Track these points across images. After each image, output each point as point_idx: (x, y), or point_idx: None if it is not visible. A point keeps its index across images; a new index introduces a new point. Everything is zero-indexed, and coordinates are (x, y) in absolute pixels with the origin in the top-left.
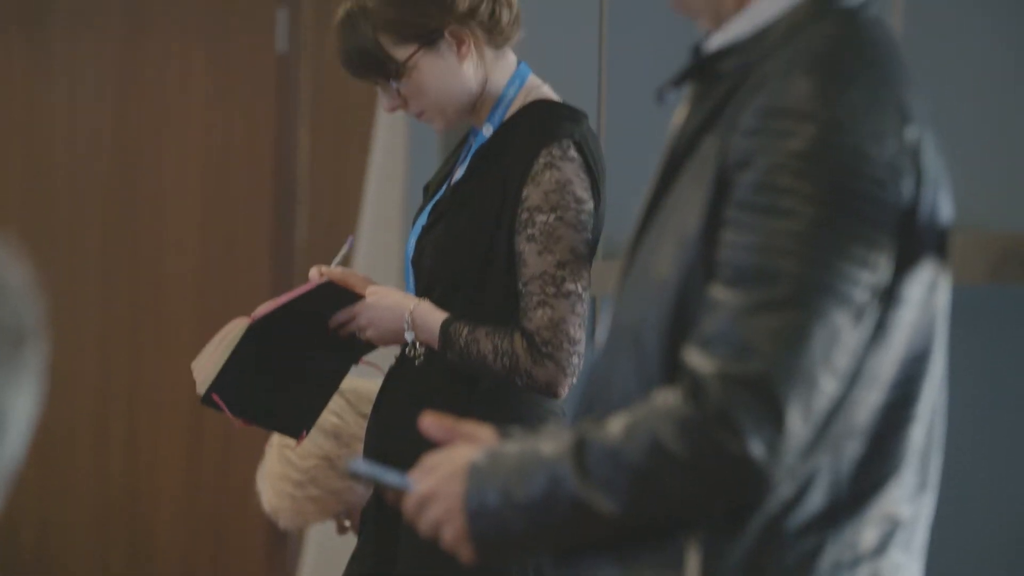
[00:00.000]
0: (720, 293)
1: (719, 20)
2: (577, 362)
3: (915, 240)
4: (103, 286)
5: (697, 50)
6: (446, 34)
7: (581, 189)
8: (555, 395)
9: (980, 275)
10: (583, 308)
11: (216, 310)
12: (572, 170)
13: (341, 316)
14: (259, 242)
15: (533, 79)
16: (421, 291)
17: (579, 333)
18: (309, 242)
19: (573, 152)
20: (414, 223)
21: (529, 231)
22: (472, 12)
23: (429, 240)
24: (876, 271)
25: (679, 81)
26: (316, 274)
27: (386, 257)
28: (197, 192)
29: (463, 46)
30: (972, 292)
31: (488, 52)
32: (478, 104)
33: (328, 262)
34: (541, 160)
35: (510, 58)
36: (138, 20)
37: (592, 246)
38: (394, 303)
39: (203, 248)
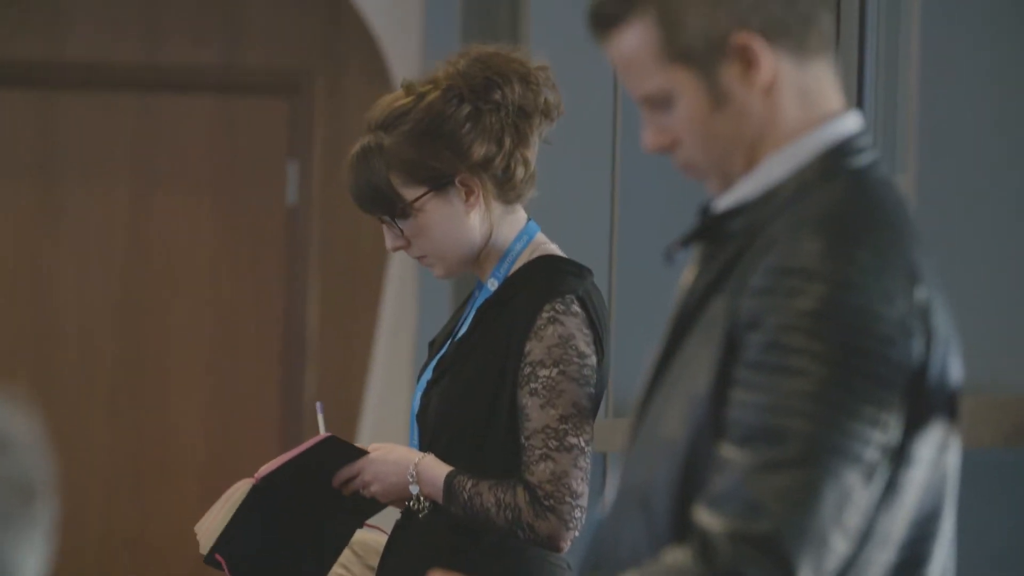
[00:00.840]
0: (730, 452)
1: (728, 181)
2: (580, 516)
3: (925, 400)
4: (110, 439)
5: (705, 210)
6: (456, 181)
7: (584, 344)
8: (557, 549)
9: (996, 439)
10: (586, 462)
11: (224, 464)
12: (575, 325)
13: (345, 472)
14: (268, 396)
15: (540, 236)
16: (426, 446)
17: (582, 487)
18: (318, 396)
19: (576, 307)
20: (419, 378)
21: (532, 385)
22: (486, 164)
23: (434, 395)
24: (887, 430)
25: (687, 241)
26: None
27: (395, 411)
28: (205, 345)
29: (472, 196)
30: (987, 455)
31: (497, 206)
32: (482, 256)
33: (338, 416)
34: (544, 315)
35: (520, 214)
36: (147, 173)
37: (595, 400)
38: (399, 457)
39: (211, 402)
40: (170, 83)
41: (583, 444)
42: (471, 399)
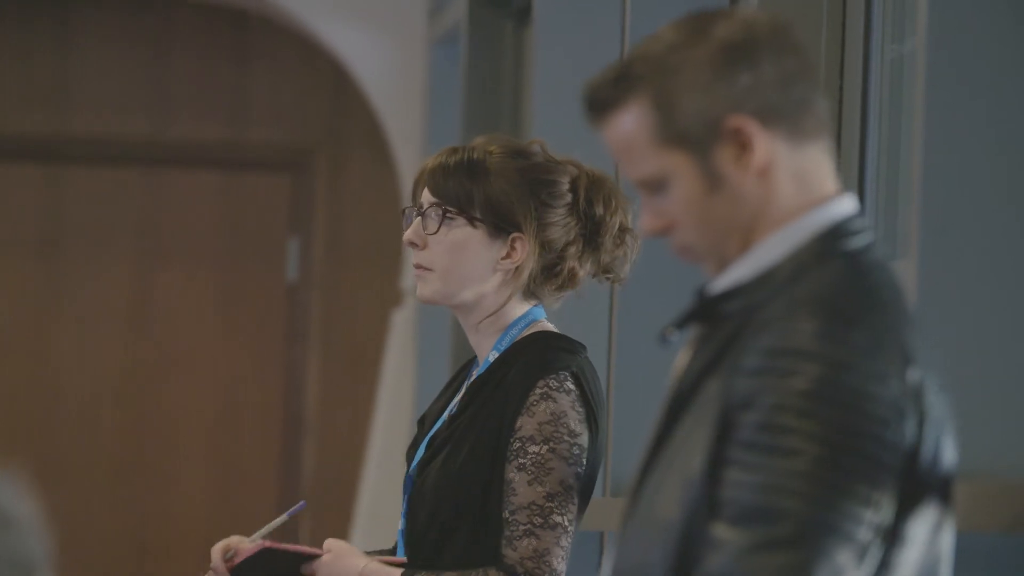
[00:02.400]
0: (724, 532)
1: (723, 264)
2: None
3: (918, 480)
4: (111, 515)
5: (701, 292)
6: (512, 236)
7: (575, 422)
8: None
9: (995, 525)
10: (567, 541)
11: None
12: (568, 402)
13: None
14: (267, 471)
15: (543, 320)
16: (422, 524)
17: (562, 565)
18: (316, 473)
19: (570, 384)
20: (411, 456)
21: (520, 460)
22: (549, 243)
23: (428, 474)
24: (879, 510)
25: (682, 323)
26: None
27: (393, 487)
28: (206, 420)
29: (510, 258)
30: (985, 541)
31: (520, 289)
32: (484, 325)
33: (337, 493)
34: (537, 391)
35: (532, 302)
36: (151, 247)
37: (584, 479)
38: (343, 568)
39: (211, 477)
40: (175, 159)
41: (567, 523)
42: (467, 477)
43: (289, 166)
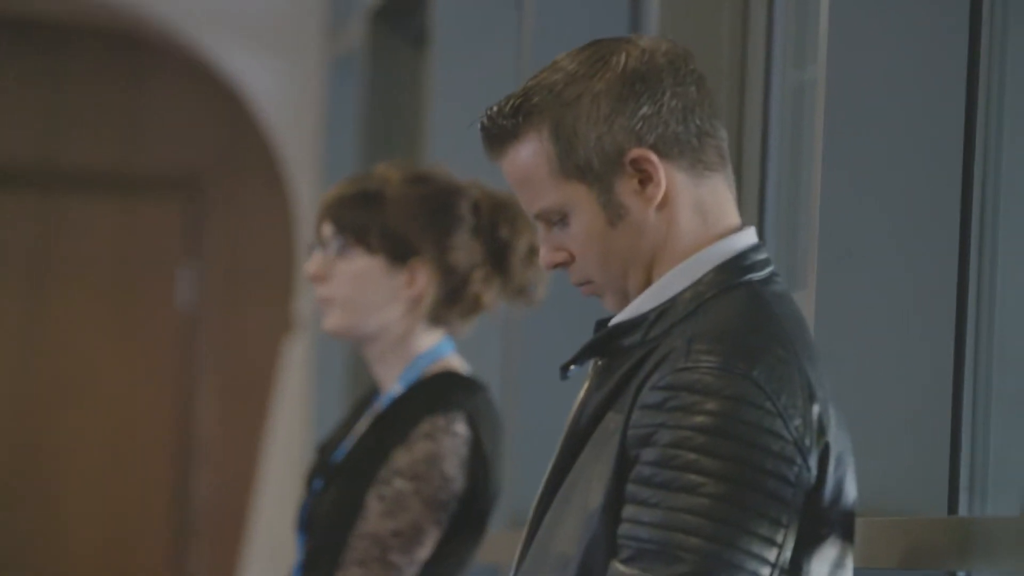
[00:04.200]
0: (622, 570)
1: (625, 297)
2: None
3: (820, 517)
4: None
5: (601, 325)
6: (412, 263)
7: (452, 467)
8: None
9: (892, 560)
10: None
11: (115, 568)
12: (450, 446)
13: None
14: (158, 501)
15: (452, 355)
16: (313, 553)
17: None
18: (210, 503)
19: (459, 426)
20: (308, 484)
21: (383, 490)
22: (451, 269)
23: (321, 505)
24: (781, 548)
25: (582, 357)
26: None
27: (286, 515)
28: (98, 448)
29: (413, 283)
30: None
31: (424, 316)
32: (389, 355)
33: (228, 520)
34: (422, 428)
35: (440, 332)
36: (42, 274)
37: (458, 522)
38: None
39: (103, 505)
40: (67, 184)
41: (403, 566)
42: (358, 509)
43: (182, 191)
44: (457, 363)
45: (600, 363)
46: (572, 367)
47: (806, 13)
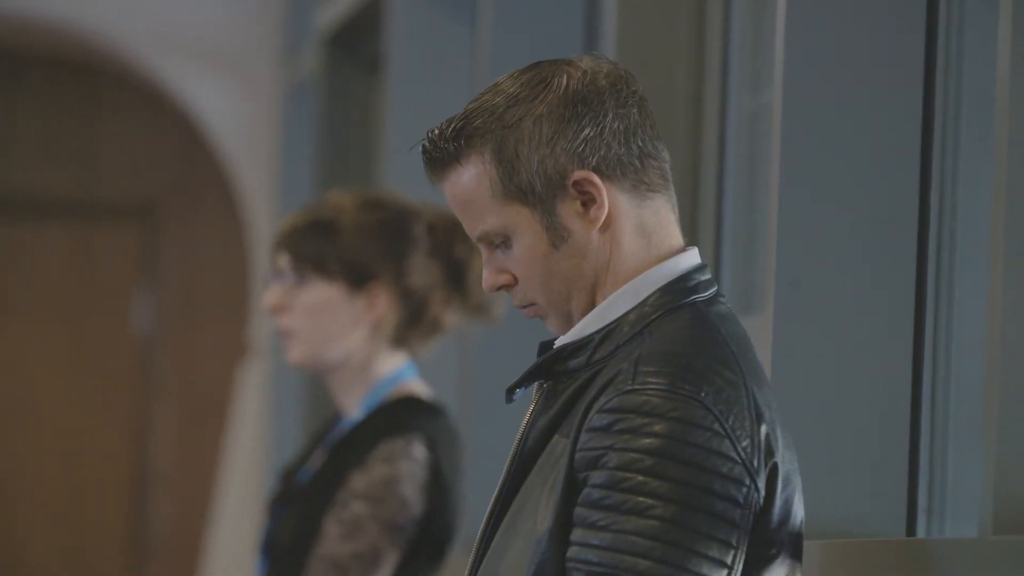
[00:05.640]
0: None
1: (568, 320)
2: None
3: (769, 539)
4: None
5: (545, 347)
6: (370, 288)
7: (410, 490)
8: None
9: None
10: None
11: None
12: (408, 470)
13: None
14: (115, 527)
15: (414, 380)
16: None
17: None
18: (168, 525)
19: (417, 449)
20: (271, 509)
21: (341, 513)
22: (410, 291)
23: (283, 529)
24: (731, 569)
25: (527, 379)
26: None
27: (244, 540)
28: (53, 474)
29: (373, 308)
30: None
31: (385, 340)
32: (351, 380)
33: (185, 544)
34: (380, 452)
35: (402, 355)
36: None
37: (403, 546)
38: None
39: (56, 533)
40: (22, 211)
41: None
42: (316, 533)
43: (137, 217)
44: (418, 387)
45: (545, 386)
46: (518, 390)
47: (762, 38)
